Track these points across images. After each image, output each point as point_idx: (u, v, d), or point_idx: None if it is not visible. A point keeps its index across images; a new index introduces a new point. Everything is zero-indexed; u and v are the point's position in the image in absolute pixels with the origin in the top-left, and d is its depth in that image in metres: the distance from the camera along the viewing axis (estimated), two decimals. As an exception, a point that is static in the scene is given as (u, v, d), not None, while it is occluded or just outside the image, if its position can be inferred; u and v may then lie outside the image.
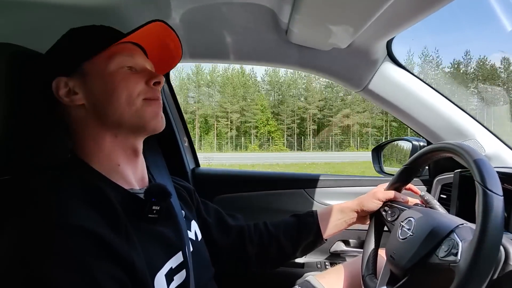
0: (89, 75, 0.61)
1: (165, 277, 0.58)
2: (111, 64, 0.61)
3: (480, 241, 0.51)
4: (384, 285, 0.72)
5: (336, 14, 0.78)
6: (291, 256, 0.91)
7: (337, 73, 1.08)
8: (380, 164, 1.46)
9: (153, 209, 0.60)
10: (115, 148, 0.63)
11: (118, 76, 0.61)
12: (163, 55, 0.73)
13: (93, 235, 0.48)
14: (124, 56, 0.62)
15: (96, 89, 0.60)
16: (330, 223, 0.91)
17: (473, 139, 1.06)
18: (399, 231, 0.72)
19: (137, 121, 0.62)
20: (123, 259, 0.50)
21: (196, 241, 0.74)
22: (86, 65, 0.61)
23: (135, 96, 0.61)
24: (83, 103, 0.61)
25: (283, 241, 0.88)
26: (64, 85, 0.61)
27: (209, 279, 0.75)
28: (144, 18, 0.91)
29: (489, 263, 0.51)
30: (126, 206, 0.57)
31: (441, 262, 0.59)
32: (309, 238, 0.90)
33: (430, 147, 0.76)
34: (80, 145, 0.62)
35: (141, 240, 0.55)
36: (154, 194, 0.61)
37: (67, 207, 0.50)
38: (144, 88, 0.63)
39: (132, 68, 0.63)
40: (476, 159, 0.59)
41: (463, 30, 55.93)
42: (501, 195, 0.54)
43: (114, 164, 0.62)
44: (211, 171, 1.56)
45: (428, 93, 1.06)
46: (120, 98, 0.60)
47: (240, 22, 0.97)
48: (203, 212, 0.88)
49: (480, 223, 0.52)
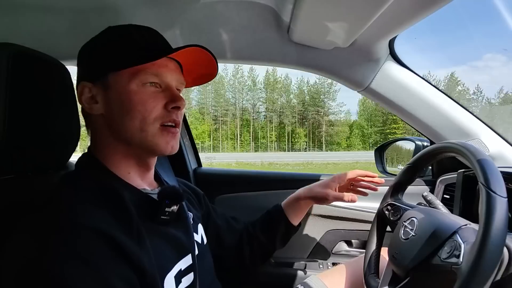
0: (111, 88, 0.59)
1: (174, 279, 0.58)
2: (133, 81, 0.58)
3: (482, 244, 0.51)
4: (386, 285, 0.72)
5: (337, 13, 0.78)
6: (272, 249, 0.94)
7: (339, 72, 1.08)
8: (383, 164, 1.46)
9: (165, 211, 0.60)
10: (127, 158, 0.63)
11: (137, 96, 0.58)
12: (197, 69, 0.68)
13: (107, 237, 0.48)
14: (148, 74, 0.59)
15: (114, 104, 0.59)
16: (294, 212, 0.94)
17: (477, 138, 1.05)
18: (402, 231, 0.72)
19: (146, 146, 0.61)
20: (134, 261, 0.50)
21: (202, 244, 0.74)
22: (111, 77, 0.59)
23: (150, 121, 0.59)
24: (101, 113, 0.60)
25: (261, 237, 0.92)
26: (88, 91, 0.60)
27: (212, 281, 0.76)
28: (145, 18, 0.92)
29: (491, 266, 0.51)
30: (139, 207, 0.57)
31: (443, 263, 0.58)
32: (281, 229, 0.93)
33: (433, 146, 0.76)
34: (97, 147, 0.63)
35: (152, 241, 0.55)
36: (168, 196, 0.61)
37: (83, 208, 0.51)
38: (162, 112, 0.60)
39: (156, 85, 0.60)
40: (479, 159, 0.58)
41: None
42: (505, 196, 0.53)
43: (125, 172, 0.62)
44: (212, 171, 1.56)
45: (431, 93, 1.05)
46: (134, 120, 0.58)
47: (241, 21, 0.97)
48: (214, 217, 0.89)
49: (483, 226, 0.52)
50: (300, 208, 0.95)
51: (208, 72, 0.69)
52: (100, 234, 0.48)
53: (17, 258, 0.46)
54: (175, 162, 1.28)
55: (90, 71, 0.61)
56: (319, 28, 0.86)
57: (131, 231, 0.53)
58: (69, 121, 0.70)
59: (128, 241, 0.50)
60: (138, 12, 0.91)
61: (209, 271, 0.76)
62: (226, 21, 0.97)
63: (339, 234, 1.29)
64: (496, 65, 57.23)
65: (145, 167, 0.66)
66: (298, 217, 0.95)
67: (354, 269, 0.91)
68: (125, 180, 0.61)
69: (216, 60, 0.65)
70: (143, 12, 0.92)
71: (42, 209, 0.52)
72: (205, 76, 0.71)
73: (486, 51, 55.42)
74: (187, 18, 0.96)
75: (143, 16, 0.92)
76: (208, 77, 0.71)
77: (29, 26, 0.93)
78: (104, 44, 0.61)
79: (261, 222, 0.94)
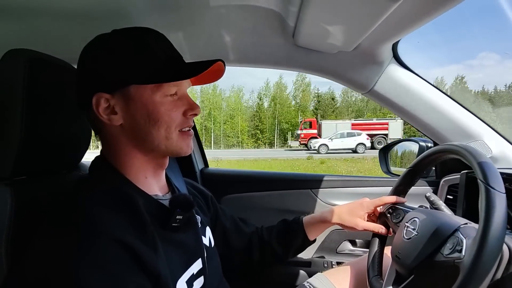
0: (133, 99, 0.59)
1: (186, 284, 0.60)
2: (158, 93, 0.59)
3: (483, 236, 0.52)
4: (390, 285, 0.72)
5: (342, 17, 0.79)
6: (284, 258, 0.95)
7: (344, 75, 1.09)
8: (387, 165, 1.46)
9: (176, 218, 0.62)
10: (145, 164, 0.64)
11: (162, 107, 0.60)
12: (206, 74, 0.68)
13: (124, 244, 0.49)
14: (171, 87, 0.61)
15: (139, 116, 0.59)
16: (314, 230, 0.95)
17: (480, 140, 1.05)
18: (404, 231, 0.73)
19: (171, 151, 0.63)
20: (150, 268, 0.51)
21: (210, 247, 0.76)
22: (133, 88, 0.59)
23: (173, 129, 0.61)
24: (121, 123, 0.60)
25: (276, 246, 0.93)
26: (104, 102, 0.59)
27: (219, 282, 0.78)
28: (155, 22, 0.94)
29: (493, 257, 0.52)
30: (153, 215, 0.59)
31: (446, 259, 0.60)
32: (298, 242, 0.94)
33: (434, 148, 0.77)
34: (111, 153, 0.63)
35: (165, 248, 0.57)
36: (179, 205, 0.62)
37: (101, 215, 0.52)
38: (181, 119, 0.63)
39: (174, 95, 0.62)
40: (480, 161, 0.60)
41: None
42: (503, 192, 0.55)
43: (141, 176, 0.64)
44: (219, 171, 1.59)
45: (434, 95, 1.06)
46: (160, 130, 0.60)
47: (247, 25, 0.99)
48: (222, 218, 0.91)
49: (483, 219, 0.54)
50: (322, 229, 0.96)
51: (214, 75, 0.70)
52: (118, 241, 0.49)
53: (37, 265, 0.47)
54: (182, 163, 1.30)
55: (108, 82, 0.59)
56: (324, 32, 0.88)
57: (147, 238, 0.54)
58: (80, 123, 0.72)
59: (144, 248, 0.52)
60: (148, 16, 0.93)
61: (217, 272, 0.78)
62: (232, 25, 0.99)
63: (344, 234, 1.31)
64: (490, 63, 57.18)
65: (161, 169, 0.68)
66: (317, 234, 0.96)
67: (358, 268, 0.93)
68: (139, 186, 0.62)
69: (225, 67, 0.66)
70: (152, 16, 0.94)
71: (60, 214, 0.53)
72: (210, 78, 0.71)
73: (480, 50, 55.37)
74: (194, 23, 0.98)
75: (152, 21, 0.94)
76: (212, 79, 0.71)
77: (43, 32, 0.96)
78: (123, 55, 0.59)
79: (278, 231, 0.95)
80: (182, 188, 0.77)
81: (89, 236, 0.48)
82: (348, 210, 0.91)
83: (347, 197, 1.33)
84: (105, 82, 0.59)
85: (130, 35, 0.61)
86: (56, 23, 0.93)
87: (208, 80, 0.70)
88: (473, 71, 54.56)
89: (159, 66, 0.60)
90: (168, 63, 0.61)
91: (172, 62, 0.62)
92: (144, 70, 0.59)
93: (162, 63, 0.61)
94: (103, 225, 0.50)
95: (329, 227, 0.96)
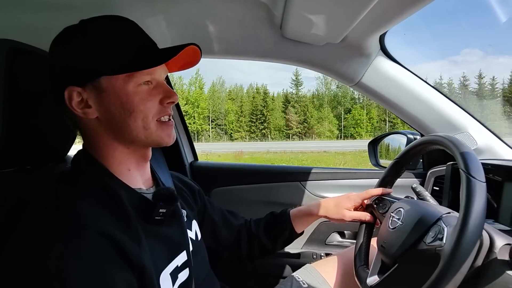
0: (105, 91, 0.57)
1: (170, 276, 0.60)
2: (130, 83, 0.58)
3: (463, 224, 0.53)
4: (375, 274, 0.74)
5: (328, 8, 0.79)
6: (272, 250, 0.96)
7: (331, 67, 1.09)
8: (376, 158, 1.48)
9: (160, 212, 0.61)
10: (127, 156, 0.63)
11: (137, 97, 0.58)
12: (182, 58, 0.67)
13: (108, 237, 0.49)
14: (144, 75, 0.59)
15: (113, 107, 0.58)
16: (301, 223, 0.95)
17: (465, 132, 1.07)
18: (390, 221, 0.74)
19: (151, 141, 0.62)
20: (134, 260, 0.51)
21: (196, 240, 0.75)
22: (104, 80, 0.57)
23: (150, 119, 0.60)
24: (96, 116, 0.59)
25: (263, 238, 0.93)
26: (77, 95, 0.57)
27: (207, 275, 0.78)
28: (140, 13, 0.93)
29: (472, 245, 0.53)
30: (136, 208, 0.58)
31: (428, 247, 0.61)
32: (285, 235, 0.94)
33: (419, 140, 0.78)
34: (93, 147, 0.62)
35: (148, 241, 0.56)
36: (162, 198, 0.62)
37: (85, 208, 0.51)
38: (158, 108, 0.61)
39: (148, 83, 0.60)
40: (462, 151, 0.61)
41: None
42: (483, 181, 0.56)
43: (124, 169, 0.63)
44: (208, 164, 1.58)
45: (421, 87, 1.07)
46: (137, 120, 0.59)
47: (234, 16, 0.98)
48: (210, 211, 0.90)
49: (464, 208, 0.55)
50: (309, 221, 0.96)
51: (191, 60, 0.68)
52: (101, 233, 0.48)
53: (18, 257, 0.47)
54: (171, 156, 1.29)
55: (78, 75, 0.57)
56: (311, 23, 0.87)
57: (130, 231, 0.53)
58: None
59: (127, 240, 0.51)
60: (131, 5, 0.92)
61: (204, 266, 0.77)
62: (219, 16, 0.98)
63: (332, 225, 1.32)
64: (474, 59, 58.51)
65: (144, 160, 0.67)
66: (304, 226, 0.96)
67: (346, 259, 0.94)
68: (122, 180, 0.61)
69: (201, 51, 0.65)
70: (136, 5, 0.92)
71: (42, 207, 0.52)
72: (187, 63, 0.70)
73: (464, 46, 56.65)
74: (180, 13, 0.97)
75: (136, 10, 0.93)
76: (190, 64, 0.70)
77: (26, 23, 0.94)
78: (92, 46, 0.57)
79: (265, 224, 0.95)
80: (167, 182, 0.76)
81: (70, 228, 0.48)
82: (334, 203, 0.92)
83: (336, 189, 1.34)
84: (75, 75, 0.57)
85: (98, 24, 0.59)
86: (40, 13, 0.91)
87: (185, 66, 0.69)
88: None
89: (129, 54, 0.58)
90: (140, 51, 0.60)
91: (143, 49, 0.60)
92: (113, 59, 0.57)
93: (134, 51, 0.59)
94: (85, 217, 0.49)
95: (316, 220, 0.96)
